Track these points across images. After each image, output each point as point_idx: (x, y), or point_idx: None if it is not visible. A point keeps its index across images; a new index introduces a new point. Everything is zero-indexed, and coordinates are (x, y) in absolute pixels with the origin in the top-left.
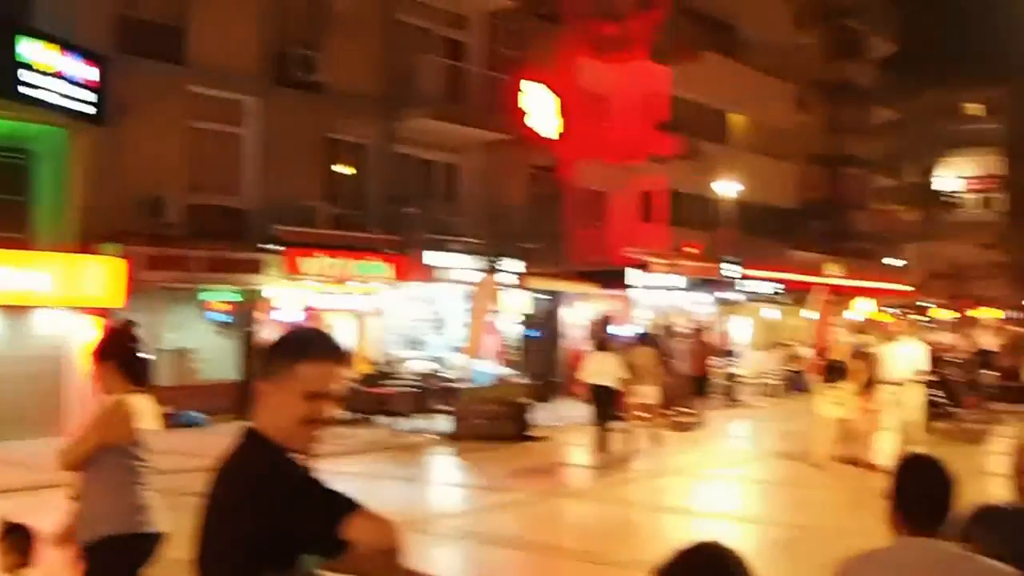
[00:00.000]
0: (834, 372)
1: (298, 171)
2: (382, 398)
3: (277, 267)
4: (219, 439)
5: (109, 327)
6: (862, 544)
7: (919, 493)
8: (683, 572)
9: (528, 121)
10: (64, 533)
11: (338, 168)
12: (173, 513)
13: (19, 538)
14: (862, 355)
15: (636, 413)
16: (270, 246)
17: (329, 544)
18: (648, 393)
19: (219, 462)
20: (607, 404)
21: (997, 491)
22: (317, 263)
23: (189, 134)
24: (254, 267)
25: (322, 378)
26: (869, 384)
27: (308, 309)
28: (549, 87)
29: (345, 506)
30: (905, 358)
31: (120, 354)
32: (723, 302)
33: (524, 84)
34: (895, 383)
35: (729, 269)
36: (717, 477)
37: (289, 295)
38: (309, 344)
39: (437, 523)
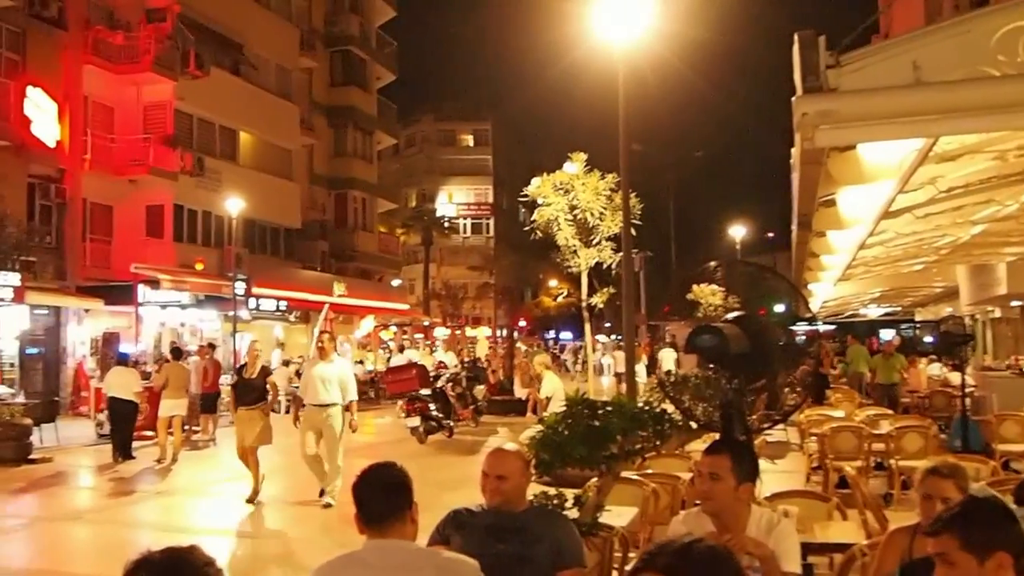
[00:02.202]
0: (251, 391)
1: None
2: None
3: None
4: None
5: None
6: None
7: (367, 497)
8: (165, 567)
9: (30, 128)
10: None
11: None
12: None
13: None
14: (267, 371)
15: (156, 430)
16: None
17: None
18: (177, 407)
19: None
20: (126, 419)
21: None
22: None
23: None
24: None
25: None
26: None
27: None
28: (50, 93)
29: None
30: (333, 377)
31: None
32: (231, 319)
33: (25, 90)
34: (321, 404)
35: (237, 286)
36: (225, 495)
37: None
38: None
39: None
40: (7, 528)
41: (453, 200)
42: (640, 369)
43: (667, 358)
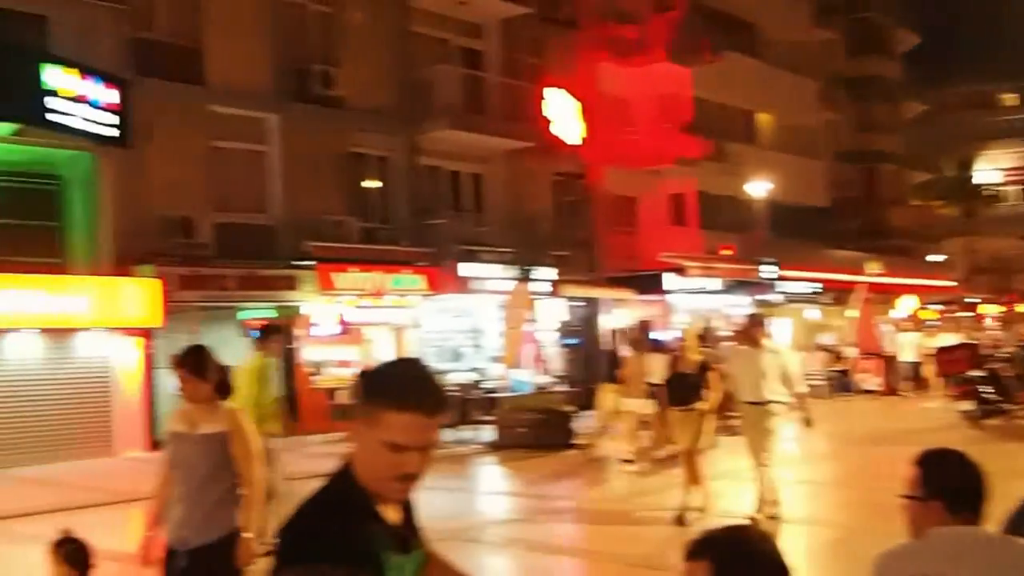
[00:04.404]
0: (684, 387)
1: (323, 186)
2: None
3: (311, 283)
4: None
5: None
6: None
7: (959, 484)
8: (728, 545)
9: (552, 128)
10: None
11: (363, 182)
12: None
13: (74, 551)
14: (705, 364)
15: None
16: (303, 262)
17: None
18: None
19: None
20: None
21: None
22: (350, 278)
23: (212, 153)
24: (288, 284)
25: (411, 431)
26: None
27: (345, 324)
28: (570, 92)
29: None
30: (770, 367)
31: (211, 366)
32: (761, 304)
33: (546, 91)
34: (756, 403)
35: (766, 270)
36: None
37: (325, 311)
38: (399, 390)
39: (486, 531)
40: (556, 509)
41: (996, 166)
42: None
43: None
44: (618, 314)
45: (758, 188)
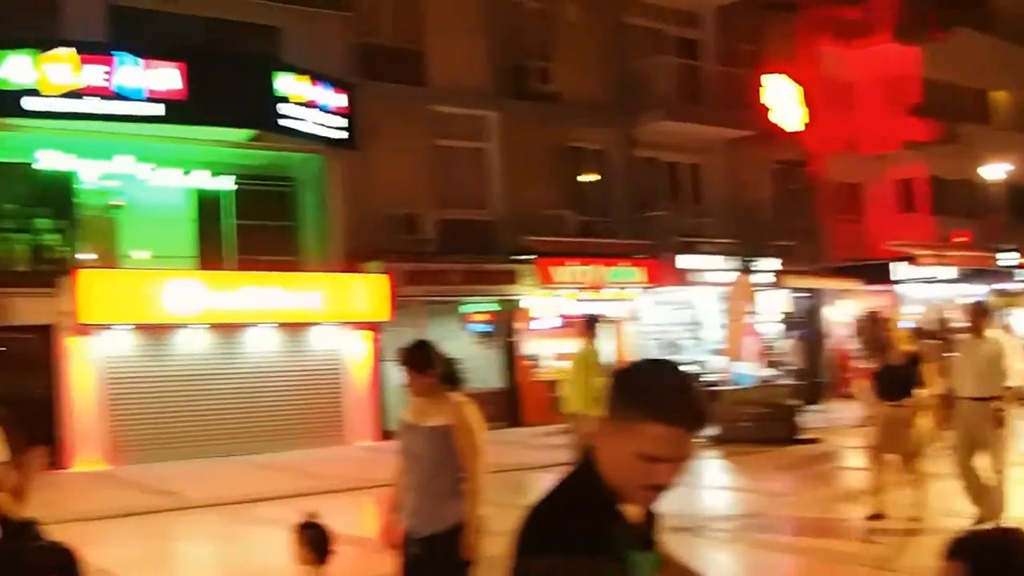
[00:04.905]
0: (894, 381)
1: (542, 181)
2: None
3: (531, 277)
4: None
5: None
6: None
7: None
8: (988, 548)
9: (771, 116)
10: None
11: (581, 176)
12: None
13: (317, 535)
14: (915, 356)
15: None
16: (522, 256)
17: None
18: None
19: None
20: None
21: None
22: (569, 271)
23: (435, 152)
24: (508, 278)
25: (667, 444)
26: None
27: (564, 317)
28: (790, 78)
29: None
30: (991, 359)
31: (434, 361)
32: (1001, 293)
33: (764, 78)
34: (976, 398)
35: (1005, 257)
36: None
37: (545, 304)
38: (660, 403)
39: (711, 526)
40: (781, 505)
41: None
42: None
43: None
44: (842, 305)
45: (994, 171)
